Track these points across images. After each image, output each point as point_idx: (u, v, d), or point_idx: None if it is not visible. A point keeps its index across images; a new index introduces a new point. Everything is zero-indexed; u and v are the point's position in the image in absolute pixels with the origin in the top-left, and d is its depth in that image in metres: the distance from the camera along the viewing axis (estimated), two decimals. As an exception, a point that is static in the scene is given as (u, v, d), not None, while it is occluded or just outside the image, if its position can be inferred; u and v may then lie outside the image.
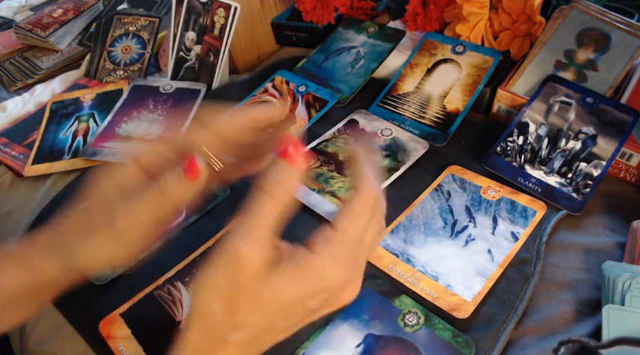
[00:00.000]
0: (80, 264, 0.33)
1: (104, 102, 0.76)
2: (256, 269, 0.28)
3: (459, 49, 0.67)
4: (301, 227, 0.53)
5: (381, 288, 0.46)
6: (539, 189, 0.52)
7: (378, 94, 0.68)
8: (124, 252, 0.33)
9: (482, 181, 0.54)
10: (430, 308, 0.44)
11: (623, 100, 0.56)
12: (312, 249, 0.30)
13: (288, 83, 0.72)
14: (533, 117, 0.57)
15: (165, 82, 0.77)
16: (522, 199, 0.52)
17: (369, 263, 0.49)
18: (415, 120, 0.63)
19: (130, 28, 0.87)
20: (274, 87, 0.73)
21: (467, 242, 0.49)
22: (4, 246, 0.36)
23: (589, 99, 0.56)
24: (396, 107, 0.66)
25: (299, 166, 0.31)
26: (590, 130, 0.54)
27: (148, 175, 0.34)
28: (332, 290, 0.30)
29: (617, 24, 0.59)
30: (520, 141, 0.56)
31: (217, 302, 0.29)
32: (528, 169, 0.54)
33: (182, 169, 0.32)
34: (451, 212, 0.52)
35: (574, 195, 0.51)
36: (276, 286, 0.29)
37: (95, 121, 0.73)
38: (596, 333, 0.39)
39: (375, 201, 0.32)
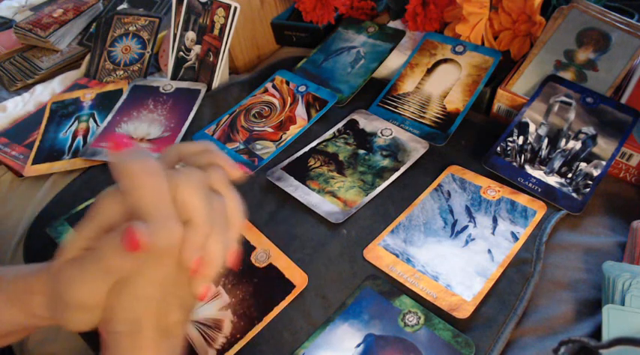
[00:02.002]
0: (62, 323, 0.31)
1: (104, 102, 0.76)
2: None
3: (459, 49, 0.67)
4: (301, 227, 0.53)
5: (381, 288, 0.46)
6: (539, 189, 0.52)
7: (378, 94, 0.68)
8: (97, 314, 0.30)
9: (482, 181, 0.54)
10: (430, 308, 0.44)
11: (623, 100, 0.56)
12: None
13: (288, 83, 0.72)
14: (533, 117, 0.57)
15: (165, 82, 0.77)
16: (522, 199, 0.52)
17: (369, 263, 0.49)
18: (415, 120, 0.63)
19: (130, 28, 0.87)
20: (274, 87, 0.73)
21: (467, 242, 0.49)
22: (3, 277, 0.35)
23: (589, 99, 0.56)
24: (396, 107, 0.66)
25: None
26: (590, 130, 0.54)
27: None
28: None
29: (617, 24, 0.59)
30: (520, 141, 0.56)
31: None
32: (528, 169, 0.54)
33: (120, 235, 0.27)
34: (451, 212, 0.52)
35: (574, 195, 0.51)
36: None
37: (95, 121, 0.73)
38: (596, 333, 0.39)
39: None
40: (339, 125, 0.65)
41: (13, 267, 0.36)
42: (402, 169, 0.57)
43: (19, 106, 0.82)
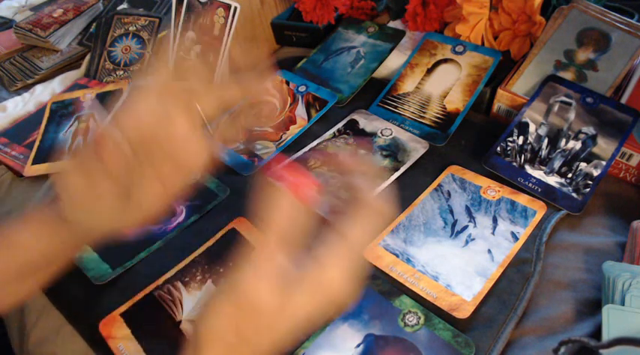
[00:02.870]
0: (73, 221, 0.35)
1: (104, 103, 0.76)
2: None
3: (459, 49, 0.67)
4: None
5: (381, 288, 0.46)
6: (539, 189, 0.52)
7: (378, 94, 0.68)
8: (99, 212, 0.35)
9: (482, 181, 0.54)
10: (430, 308, 0.44)
11: (623, 100, 0.56)
12: None
13: (288, 83, 0.72)
14: (533, 117, 0.57)
15: (165, 82, 0.77)
16: (522, 199, 0.52)
17: (369, 263, 0.49)
18: (415, 120, 0.63)
19: (130, 28, 0.87)
20: (274, 87, 0.73)
21: (467, 242, 0.49)
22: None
23: (589, 99, 0.56)
24: (396, 107, 0.66)
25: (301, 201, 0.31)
26: (590, 130, 0.54)
27: None
28: None
29: (617, 24, 0.59)
30: (520, 141, 0.56)
31: None
32: (528, 169, 0.54)
33: None
34: (451, 212, 0.52)
35: (574, 195, 0.51)
36: None
37: (95, 121, 0.73)
38: (596, 333, 0.39)
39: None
40: (339, 125, 0.65)
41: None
42: (402, 169, 0.57)
43: (19, 106, 0.82)
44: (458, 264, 0.47)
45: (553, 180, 0.52)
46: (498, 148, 0.56)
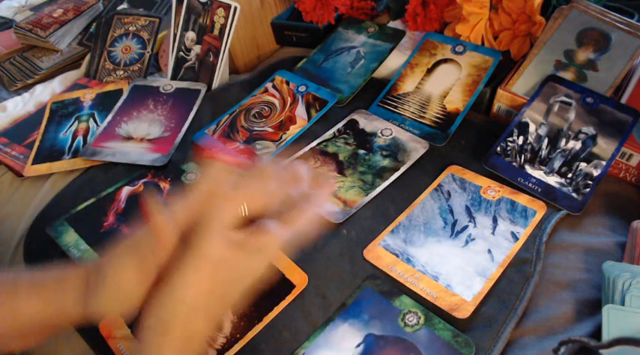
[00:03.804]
0: (94, 310, 0.35)
1: (104, 102, 0.76)
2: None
3: (459, 49, 0.67)
4: (301, 227, 0.53)
5: (381, 288, 0.46)
6: (539, 189, 0.52)
7: (378, 94, 0.68)
8: (129, 301, 0.35)
9: (482, 181, 0.54)
10: (430, 308, 0.44)
11: (623, 100, 0.56)
12: None
13: (288, 83, 0.72)
14: (533, 117, 0.57)
15: (165, 82, 0.77)
16: (522, 199, 0.52)
17: (369, 263, 0.49)
18: (415, 120, 0.63)
19: (130, 28, 0.87)
20: (274, 87, 0.73)
21: (467, 242, 0.49)
22: (31, 274, 0.38)
23: (589, 99, 0.56)
24: (396, 107, 0.66)
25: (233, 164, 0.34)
26: (590, 130, 0.54)
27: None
28: None
29: (617, 24, 0.59)
30: (520, 141, 0.56)
31: None
32: (528, 169, 0.54)
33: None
34: (451, 212, 0.52)
35: (574, 195, 0.51)
36: None
37: (95, 121, 0.73)
38: (596, 333, 0.39)
39: None
40: (339, 125, 0.65)
41: (38, 271, 0.38)
42: (402, 169, 0.57)
43: (19, 106, 0.82)
44: (458, 263, 0.47)
45: (553, 180, 0.53)
46: (498, 148, 0.56)
